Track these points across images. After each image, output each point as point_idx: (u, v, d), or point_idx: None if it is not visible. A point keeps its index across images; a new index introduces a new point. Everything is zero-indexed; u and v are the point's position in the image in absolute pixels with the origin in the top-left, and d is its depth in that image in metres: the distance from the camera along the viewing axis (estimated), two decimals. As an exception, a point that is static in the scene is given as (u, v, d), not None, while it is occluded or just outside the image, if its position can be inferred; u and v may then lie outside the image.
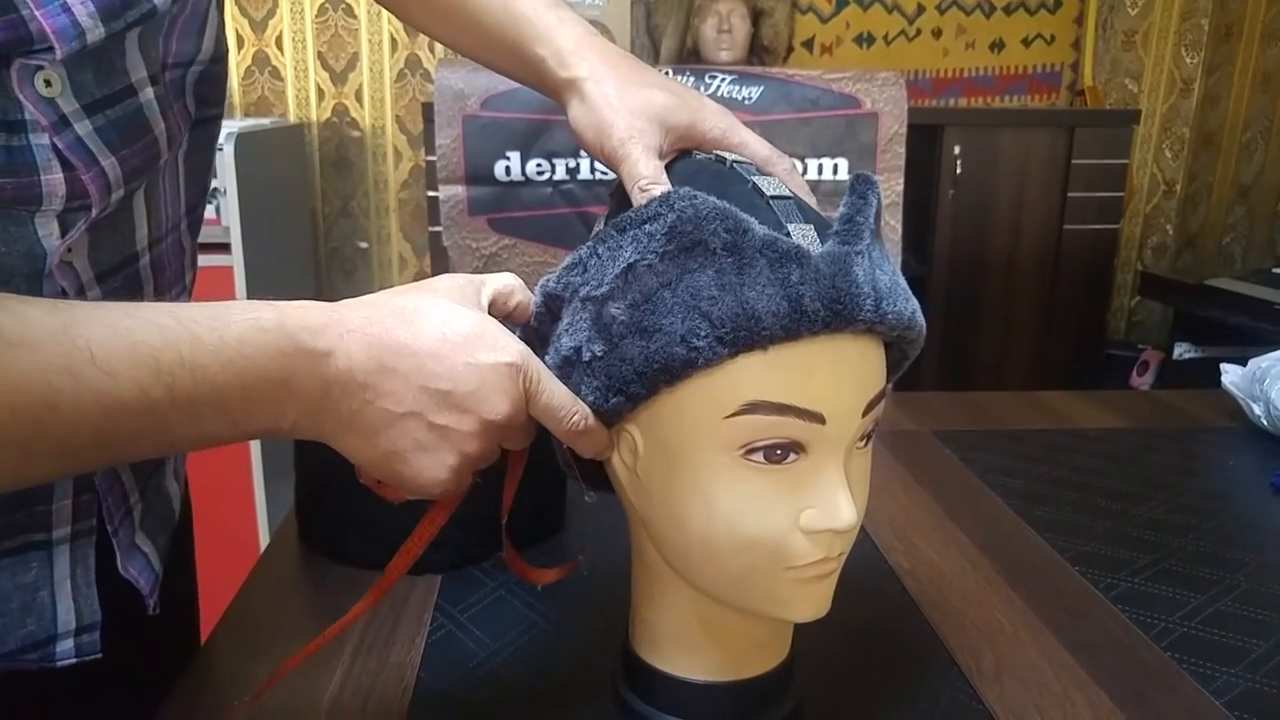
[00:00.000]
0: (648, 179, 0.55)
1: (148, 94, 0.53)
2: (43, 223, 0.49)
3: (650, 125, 0.57)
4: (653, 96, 0.58)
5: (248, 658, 0.66)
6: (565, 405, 0.49)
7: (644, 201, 0.50)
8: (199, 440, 0.44)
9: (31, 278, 0.49)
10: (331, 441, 0.48)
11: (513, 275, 0.54)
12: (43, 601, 0.55)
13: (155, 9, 0.49)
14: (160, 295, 0.61)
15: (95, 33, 0.46)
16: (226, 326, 0.42)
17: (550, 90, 0.64)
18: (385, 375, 0.46)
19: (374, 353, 0.45)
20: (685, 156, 0.56)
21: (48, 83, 0.46)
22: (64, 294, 0.51)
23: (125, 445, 0.42)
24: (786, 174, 0.58)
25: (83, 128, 0.48)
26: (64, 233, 0.50)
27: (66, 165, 0.48)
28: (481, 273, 0.54)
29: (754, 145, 0.59)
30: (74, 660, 0.57)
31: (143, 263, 0.58)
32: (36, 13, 0.44)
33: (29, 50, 0.45)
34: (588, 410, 0.50)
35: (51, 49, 0.45)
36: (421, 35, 2.45)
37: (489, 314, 0.50)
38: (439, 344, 0.46)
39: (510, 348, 0.47)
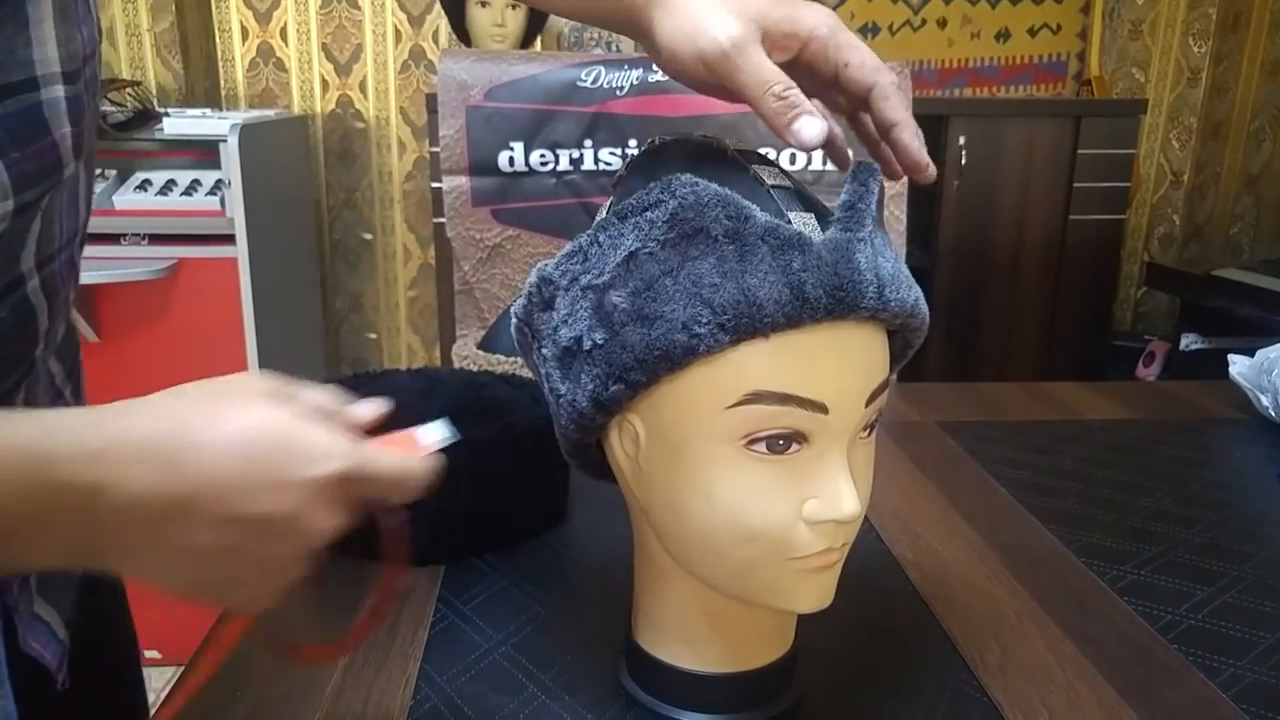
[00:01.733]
0: (782, 83, 0.48)
1: (54, 91, 0.45)
2: None
3: (751, 27, 0.50)
4: None
5: (251, 646, 0.66)
6: (402, 477, 0.44)
7: (782, 110, 0.47)
8: None
9: None
10: (120, 572, 0.41)
11: (330, 394, 0.46)
12: None
13: None
14: (54, 322, 0.52)
15: None
16: None
17: (634, 11, 0.55)
18: (182, 508, 0.38)
19: (165, 482, 0.37)
20: (683, 141, 0.56)
21: None
22: None
23: None
24: (892, 89, 0.52)
25: None
26: None
27: None
28: (486, 263, 0.52)
29: (862, 50, 0.52)
30: None
31: (30, 286, 0.49)
32: None
33: None
34: (421, 467, 0.45)
35: None
36: (426, 26, 2.44)
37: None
38: (244, 464, 0.38)
39: (324, 460, 0.40)
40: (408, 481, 0.44)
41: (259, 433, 0.39)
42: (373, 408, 0.46)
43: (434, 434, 0.48)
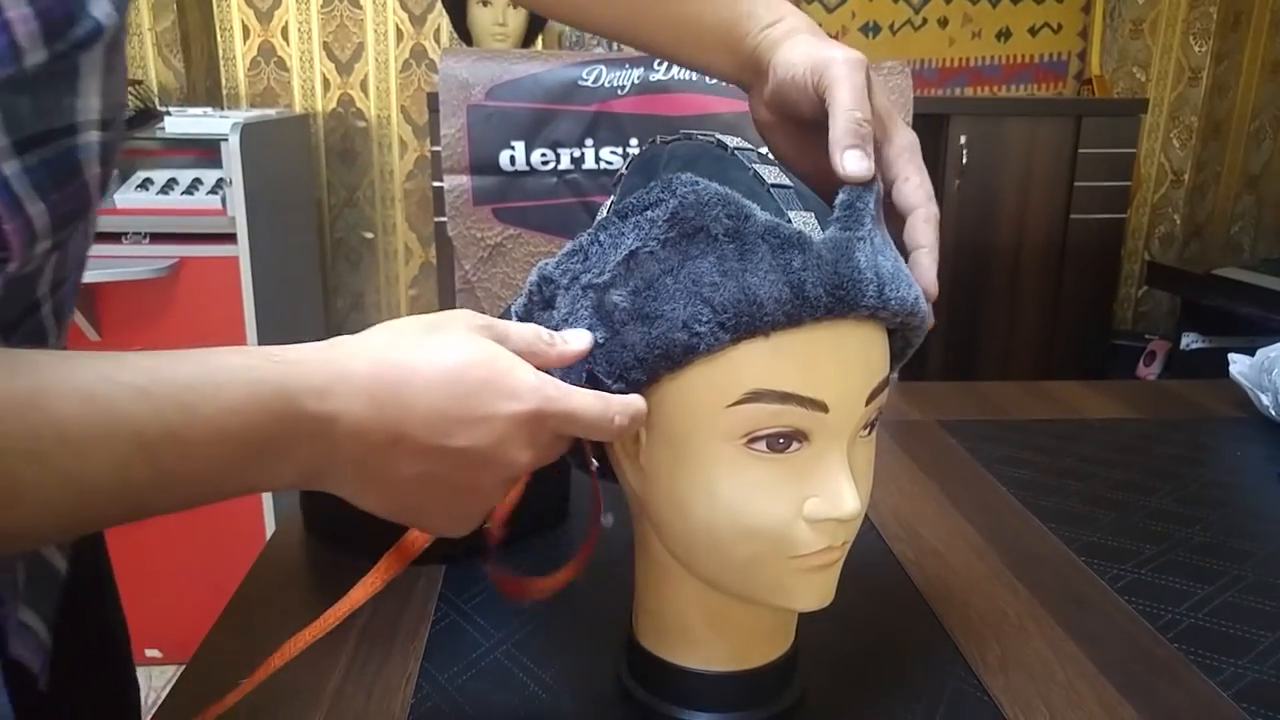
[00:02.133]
0: (865, 115, 0.51)
1: (90, 136, 0.46)
2: None
3: (869, 79, 0.54)
4: (865, 69, 0.55)
5: (251, 646, 0.66)
6: (601, 418, 0.45)
7: (851, 134, 0.50)
8: (173, 509, 0.39)
9: None
10: (336, 493, 0.44)
11: (539, 328, 0.48)
12: None
13: (99, 25, 0.43)
14: (60, 337, 0.54)
15: (36, 54, 0.40)
16: (219, 391, 0.37)
17: (753, 58, 0.61)
18: (396, 438, 0.41)
19: (382, 414, 0.41)
20: (685, 140, 0.56)
21: None
22: None
23: (88, 525, 0.38)
24: (933, 217, 0.56)
25: (10, 167, 0.42)
26: None
27: None
28: (487, 262, 0.53)
29: (923, 175, 0.56)
30: None
31: (44, 310, 0.51)
32: None
33: None
34: (621, 403, 0.46)
35: None
36: (427, 25, 2.44)
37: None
38: (451, 401, 0.42)
39: (528, 394, 0.43)
40: (603, 419, 0.45)
41: (466, 368, 0.42)
42: (582, 337, 0.48)
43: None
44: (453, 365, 0.42)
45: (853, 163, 0.50)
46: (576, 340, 0.47)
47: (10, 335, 0.48)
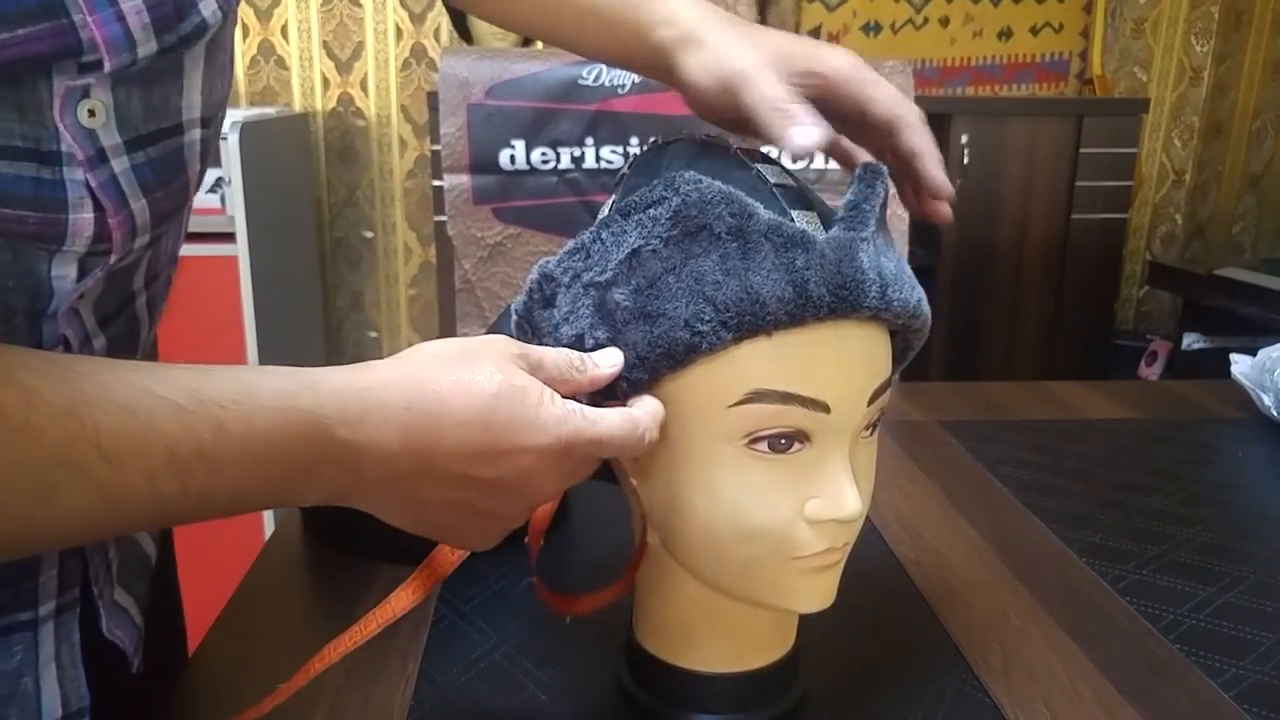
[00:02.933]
0: (782, 98, 0.51)
1: (194, 134, 0.49)
2: (61, 263, 0.44)
3: (774, 65, 0.54)
4: (773, 37, 0.56)
5: (249, 648, 0.66)
6: (630, 438, 0.46)
7: (780, 118, 0.50)
8: (200, 520, 0.40)
9: (32, 318, 0.45)
10: (363, 509, 0.45)
11: (571, 352, 0.48)
12: (26, 689, 0.49)
13: (205, 23, 0.45)
14: (152, 327, 0.57)
15: (147, 46, 0.42)
16: (254, 414, 0.38)
17: (660, 55, 0.60)
18: (425, 468, 0.42)
19: (413, 447, 0.42)
20: (688, 139, 0.56)
21: (91, 112, 0.42)
22: (65, 341, 0.47)
23: (116, 531, 0.39)
24: (918, 120, 0.55)
25: (120, 164, 0.44)
26: (80, 277, 0.45)
27: (97, 205, 0.43)
28: (487, 261, 0.53)
29: (883, 85, 0.56)
30: None
31: (139, 302, 0.54)
32: (89, 19, 0.39)
33: (74, 60, 0.40)
34: (649, 416, 0.47)
35: (100, 63, 0.41)
36: (427, 24, 2.44)
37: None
38: (481, 432, 0.42)
39: (556, 428, 0.43)
40: (632, 439, 0.46)
41: (498, 401, 0.42)
42: (613, 357, 0.48)
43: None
44: (485, 399, 0.42)
45: (801, 137, 0.51)
46: (606, 362, 0.48)
47: (108, 325, 0.50)
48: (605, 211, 0.53)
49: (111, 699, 0.55)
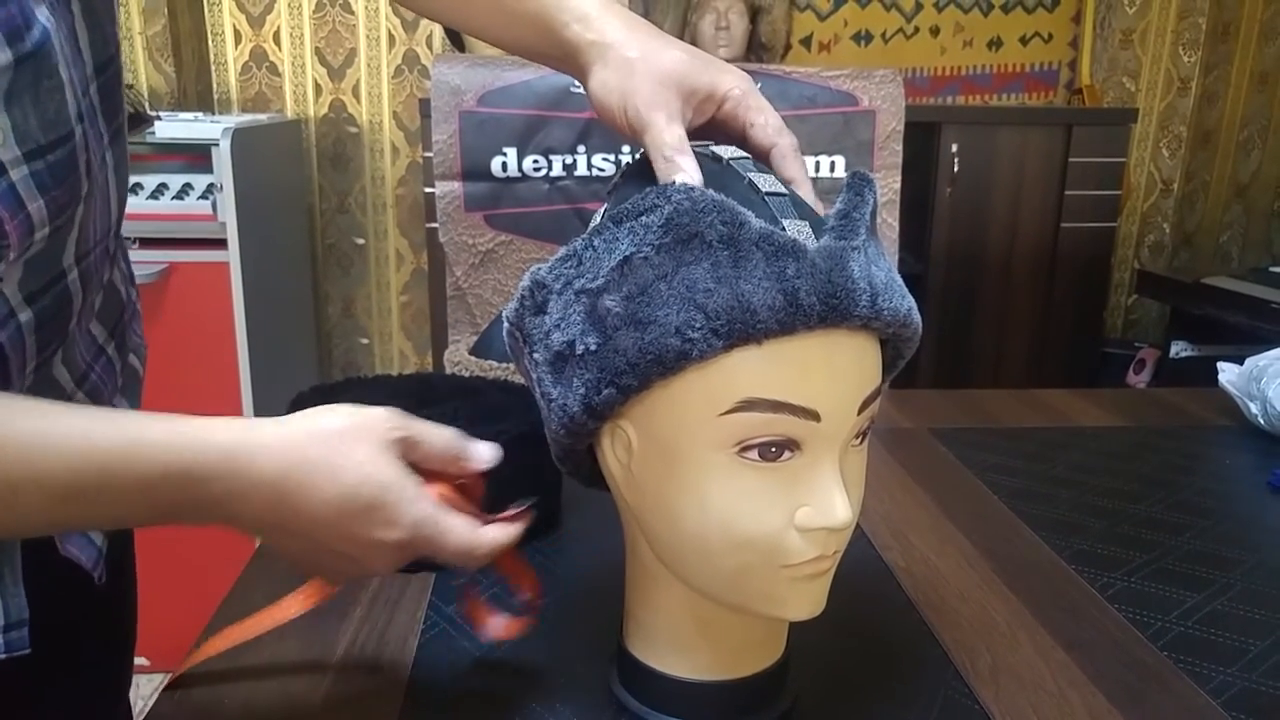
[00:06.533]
0: (672, 147, 0.54)
1: (79, 129, 0.51)
2: None
3: (673, 91, 0.57)
4: (675, 59, 0.58)
5: (239, 654, 0.65)
6: (461, 559, 0.52)
7: (665, 171, 0.52)
8: (100, 529, 0.48)
9: None
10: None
11: (448, 433, 0.54)
12: None
13: (48, 31, 0.47)
14: (88, 299, 0.60)
15: (2, 57, 0.44)
16: (137, 465, 0.44)
17: (570, 55, 0.62)
18: (284, 528, 0.49)
19: (277, 511, 0.48)
20: None
21: None
22: None
23: (26, 535, 0.48)
24: (791, 150, 0.58)
25: (18, 173, 0.46)
26: None
27: None
28: (478, 268, 0.54)
29: (768, 113, 0.59)
30: (3, 655, 0.56)
31: (70, 278, 0.56)
32: None
33: None
34: (487, 545, 0.52)
35: None
36: (419, 31, 2.44)
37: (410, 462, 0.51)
38: (337, 516, 0.48)
39: (403, 528, 0.49)
40: (469, 559, 0.52)
41: (358, 490, 0.48)
42: (490, 452, 0.55)
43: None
44: (347, 487, 0.48)
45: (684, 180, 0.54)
46: (479, 457, 0.54)
47: (35, 300, 0.53)
48: (598, 219, 0.53)
49: (75, 616, 0.63)
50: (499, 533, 0.53)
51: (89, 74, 0.54)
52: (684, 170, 0.53)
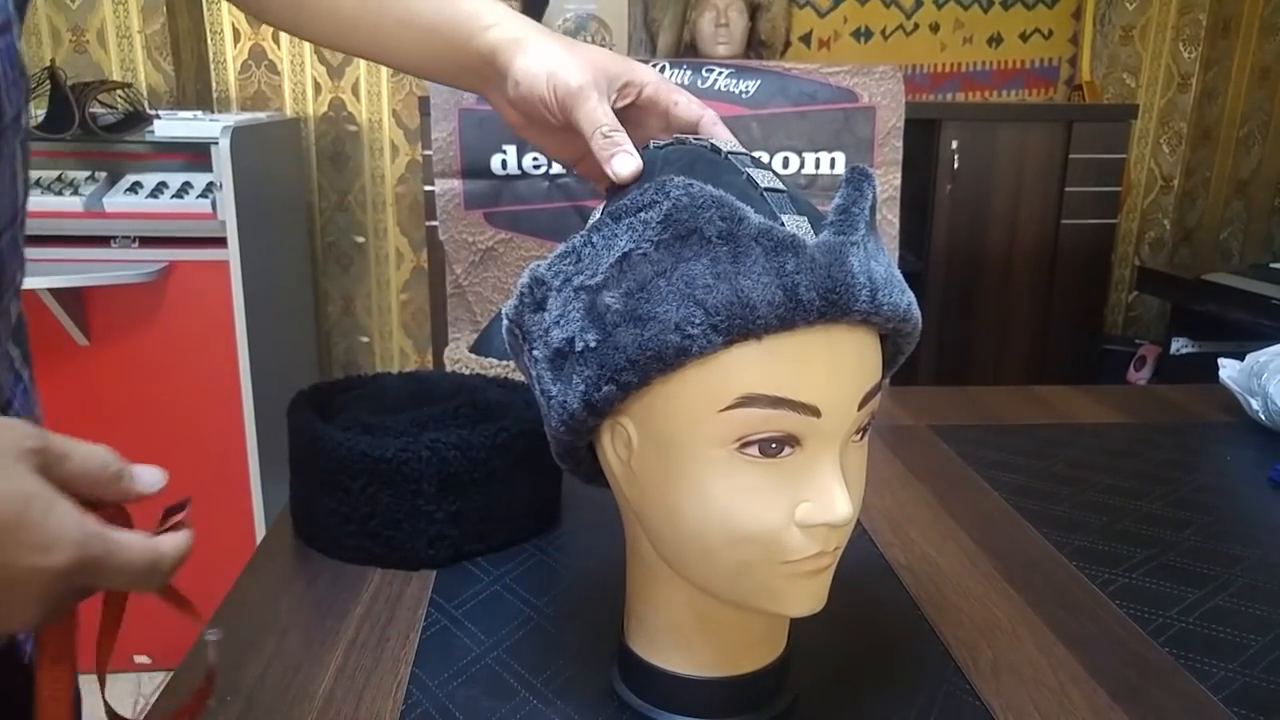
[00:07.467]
0: (609, 125, 0.57)
1: None
2: None
3: (600, 74, 0.60)
4: (594, 50, 0.61)
5: (241, 650, 0.65)
6: (146, 575, 0.41)
7: (606, 146, 0.54)
8: None
9: None
10: None
11: (102, 449, 0.42)
12: None
13: None
14: (2, 301, 0.55)
15: None
16: None
17: (486, 59, 0.63)
18: None
19: None
20: (679, 144, 0.56)
21: None
22: None
23: None
24: (715, 118, 0.61)
25: None
26: None
27: None
28: (478, 266, 0.53)
29: (687, 93, 0.63)
30: None
31: None
32: None
33: None
34: (172, 552, 0.42)
35: None
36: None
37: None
38: None
39: (61, 543, 0.37)
40: (154, 574, 0.41)
41: None
42: (155, 476, 0.43)
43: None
44: None
45: (621, 165, 0.56)
46: (143, 480, 0.43)
47: None
48: (597, 215, 0.53)
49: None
50: (177, 540, 0.42)
51: None
52: (623, 146, 0.55)
